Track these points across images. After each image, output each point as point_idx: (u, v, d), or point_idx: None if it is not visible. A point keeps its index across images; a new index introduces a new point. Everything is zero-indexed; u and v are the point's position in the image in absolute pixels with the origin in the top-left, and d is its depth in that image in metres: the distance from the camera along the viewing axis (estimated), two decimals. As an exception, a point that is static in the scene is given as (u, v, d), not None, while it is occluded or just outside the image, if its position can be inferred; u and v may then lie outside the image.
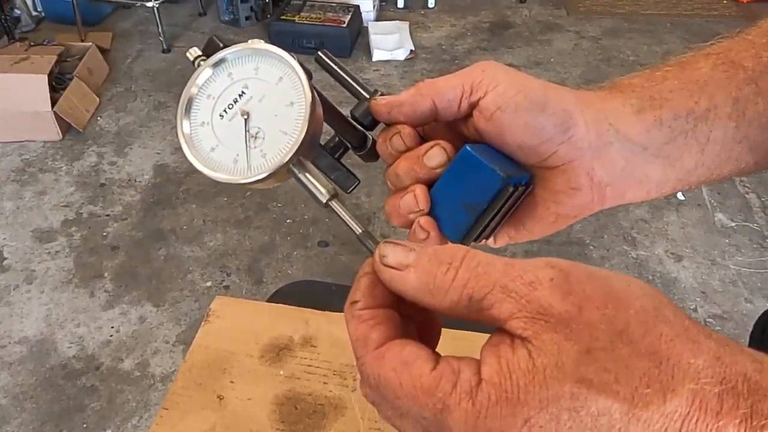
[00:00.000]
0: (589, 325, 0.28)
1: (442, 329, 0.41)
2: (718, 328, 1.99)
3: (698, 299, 2.09)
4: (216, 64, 0.43)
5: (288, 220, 2.38)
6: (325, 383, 0.81)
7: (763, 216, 2.38)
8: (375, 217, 2.38)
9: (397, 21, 3.58)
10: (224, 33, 3.57)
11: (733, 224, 2.35)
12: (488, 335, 0.32)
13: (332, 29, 3.23)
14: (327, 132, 0.44)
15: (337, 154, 0.48)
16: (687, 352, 0.29)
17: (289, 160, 0.40)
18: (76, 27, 3.33)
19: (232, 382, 0.81)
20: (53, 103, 2.64)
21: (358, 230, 0.41)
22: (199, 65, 0.44)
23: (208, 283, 2.13)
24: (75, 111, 2.75)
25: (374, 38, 3.32)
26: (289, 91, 0.41)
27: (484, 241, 0.47)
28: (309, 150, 0.42)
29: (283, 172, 0.40)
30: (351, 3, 3.45)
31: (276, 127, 0.41)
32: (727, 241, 2.29)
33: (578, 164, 0.42)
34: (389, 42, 3.32)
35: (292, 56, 0.41)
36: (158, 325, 2.00)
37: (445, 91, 0.42)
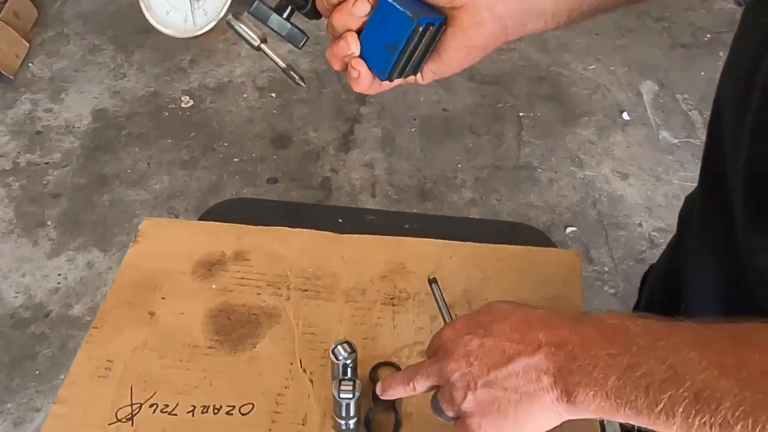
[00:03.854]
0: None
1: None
2: (662, 240, 2.05)
3: (643, 214, 2.14)
4: None
5: (235, 159, 2.33)
6: (258, 294, 0.81)
7: (704, 132, 2.43)
8: (324, 151, 2.35)
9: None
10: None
11: (677, 141, 2.40)
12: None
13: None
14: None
15: (285, 15, 0.53)
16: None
17: (224, 14, 0.49)
18: (-2, -31, 3.13)
19: (163, 298, 0.80)
20: (-22, 49, 2.50)
21: (282, 65, 0.53)
22: None
23: (156, 226, 2.09)
24: (4, 58, 2.61)
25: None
26: None
27: (413, 78, 0.55)
28: (241, 5, 0.51)
29: (222, 24, 0.50)
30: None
31: None
32: (670, 157, 2.34)
33: (480, 1, 0.50)
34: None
35: None
36: (107, 269, 1.97)
37: None
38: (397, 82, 0.54)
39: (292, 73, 0.52)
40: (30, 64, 2.75)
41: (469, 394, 0.50)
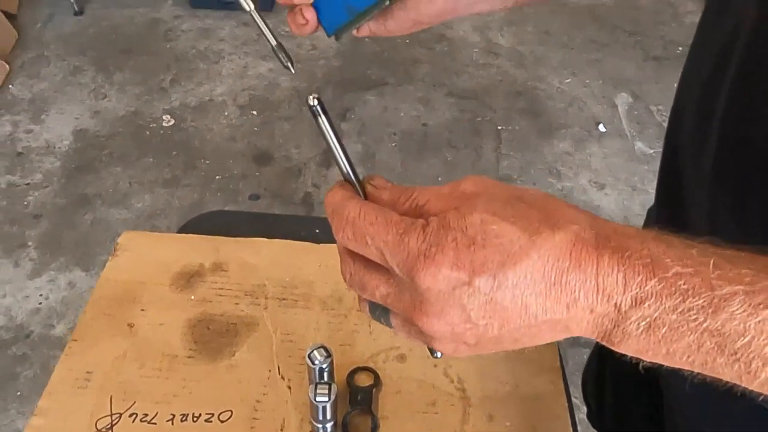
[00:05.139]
0: (494, 194, 0.37)
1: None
2: (639, 249, 2.08)
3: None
4: None
5: (217, 177, 2.35)
6: (237, 303, 0.82)
7: (679, 142, 2.48)
8: (305, 168, 2.37)
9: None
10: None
11: (652, 152, 2.45)
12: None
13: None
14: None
15: None
16: (570, 211, 0.37)
17: None
18: (-23, -8, 3.14)
19: (142, 310, 0.81)
20: (-42, 71, 2.50)
21: (273, 42, 0.48)
22: None
23: (138, 244, 2.09)
24: (-17, 80, 2.62)
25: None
26: None
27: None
28: None
29: None
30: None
31: None
32: (646, 167, 2.38)
33: None
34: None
35: None
36: (88, 288, 1.96)
37: None
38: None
39: (281, 54, 0.48)
40: (10, 86, 2.75)
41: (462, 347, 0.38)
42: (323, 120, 0.42)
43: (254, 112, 2.61)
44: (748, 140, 0.45)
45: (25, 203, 2.24)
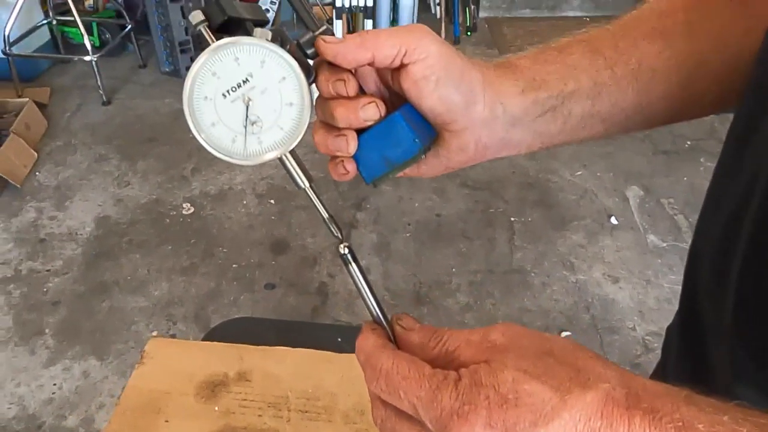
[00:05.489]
0: (523, 347, 0.39)
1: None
2: (656, 344, 2.06)
3: (636, 318, 2.16)
4: (224, 46, 0.44)
5: (234, 265, 2.38)
6: (260, 416, 0.83)
7: (691, 235, 2.50)
8: (321, 257, 2.41)
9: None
10: (165, 84, 3.60)
11: (665, 245, 2.46)
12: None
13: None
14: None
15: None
16: (599, 366, 0.38)
17: (282, 153, 0.46)
18: (12, 83, 3.30)
19: (167, 421, 0.82)
20: (-11, 160, 2.60)
21: (325, 215, 0.49)
22: (199, 31, 0.45)
23: (154, 333, 2.11)
24: (12, 167, 2.71)
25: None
26: (290, 93, 0.45)
27: None
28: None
29: (274, 159, 0.46)
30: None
31: (274, 120, 0.45)
32: (659, 261, 2.39)
33: (470, 132, 0.51)
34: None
35: (295, 61, 0.45)
36: (103, 378, 1.96)
37: (385, 48, 0.47)
38: None
39: (332, 226, 0.48)
40: (37, 173, 2.85)
41: None
42: (353, 267, 0.46)
43: (272, 201, 2.67)
44: (766, 294, 0.46)
45: (45, 290, 2.27)
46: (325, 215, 0.48)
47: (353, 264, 0.47)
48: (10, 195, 2.71)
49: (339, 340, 0.94)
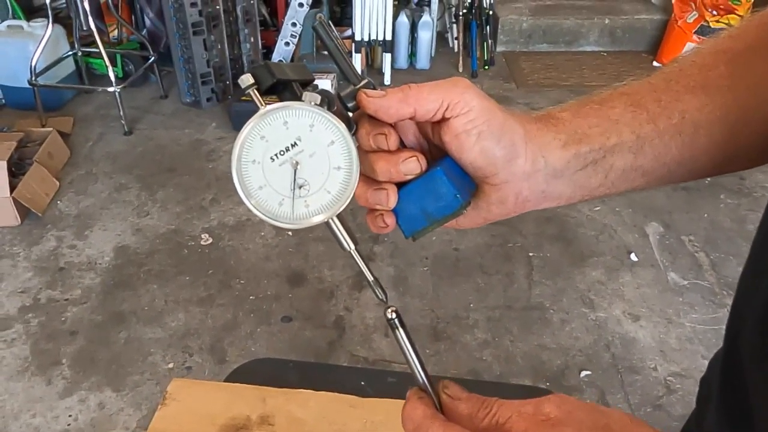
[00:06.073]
0: (580, 422, 0.38)
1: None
2: (678, 386, 2.03)
3: (657, 358, 2.13)
4: (273, 111, 0.45)
5: (251, 297, 2.38)
6: (282, 462, 0.82)
7: (713, 273, 2.47)
8: (338, 290, 2.40)
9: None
10: (185, 114, 3.65)
11: (686, 283, 2.43)
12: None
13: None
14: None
15: None
16: None
17: (330, 216, 0.46)
18: (36, 113, 3.36)
19: (188, 465, 0.81)
20: (12, 188, 2.63)
21: (371, 278, 0.49)
22: (249, 94, 0.45)
23: (170, 365, 2.10)
24: (34, 196, 2.75)
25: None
26: (338, 156, 0.45)
27: None
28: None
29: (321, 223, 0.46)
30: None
31: (321, 183, 0.46)
32: (680, 299, 2.36)
33: (511, 185, 0.50)
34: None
35: (344, 125, 0.45)
36: (118, 411, 1.95)
37: (427, 103, 0.47)
38: None
39: (377, 289, 0.48)
40: (59, 202, 2.88)
41: None
42: (401, 333, 0.45)
43: (289, 233, 2.68)
44: None
45: (63, 319, 2.28)
46: (371, 278, 0.48)
47: (400, 330, 0.46)
48: (31, 223, 2.74)
49: (362, 383, 0.93)
